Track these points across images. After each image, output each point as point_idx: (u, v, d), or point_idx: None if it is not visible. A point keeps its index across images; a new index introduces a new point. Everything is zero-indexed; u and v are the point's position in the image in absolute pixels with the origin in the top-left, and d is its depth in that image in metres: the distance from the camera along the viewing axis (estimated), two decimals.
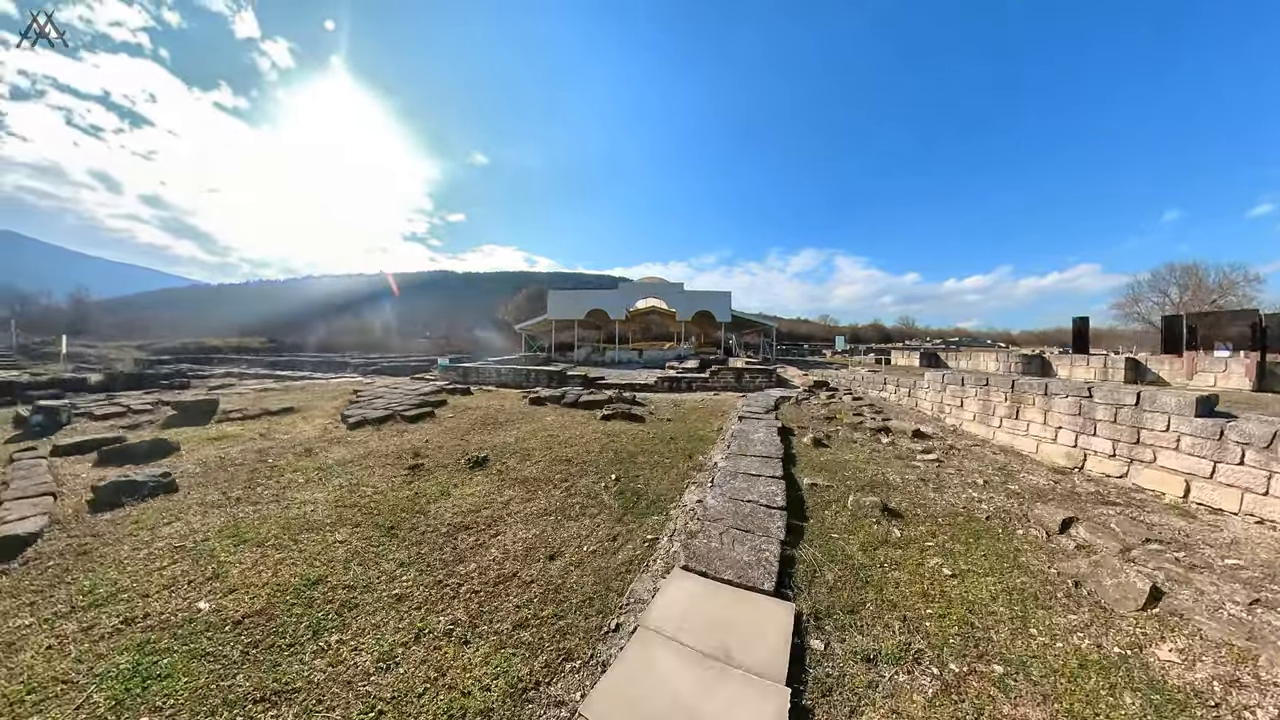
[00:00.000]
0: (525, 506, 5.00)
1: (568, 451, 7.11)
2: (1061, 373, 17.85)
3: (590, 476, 5.99)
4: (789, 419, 9.17)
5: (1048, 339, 72.31)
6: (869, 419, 8.91)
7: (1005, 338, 76.61)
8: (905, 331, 78.96)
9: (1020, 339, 76.52)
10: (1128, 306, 44.61)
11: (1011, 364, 18.74)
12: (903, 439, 7.90)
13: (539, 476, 5.96)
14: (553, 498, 5.26)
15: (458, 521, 4.54)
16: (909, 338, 71.45)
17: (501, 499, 5.18)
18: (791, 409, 10.17)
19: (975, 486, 5.88)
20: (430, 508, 4.84)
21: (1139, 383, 15.50)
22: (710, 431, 8.42)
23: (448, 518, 4.61)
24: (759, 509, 4.45)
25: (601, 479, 5.88)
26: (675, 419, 9.70)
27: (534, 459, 6.72)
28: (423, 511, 4.73)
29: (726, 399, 12.06)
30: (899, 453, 7.20)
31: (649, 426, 8.90)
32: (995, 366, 19.42)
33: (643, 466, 6.41)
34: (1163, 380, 15.48)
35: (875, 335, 73.25)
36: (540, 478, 5.92)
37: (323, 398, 12.10)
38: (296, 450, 6.78)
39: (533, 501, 5.14)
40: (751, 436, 7.23)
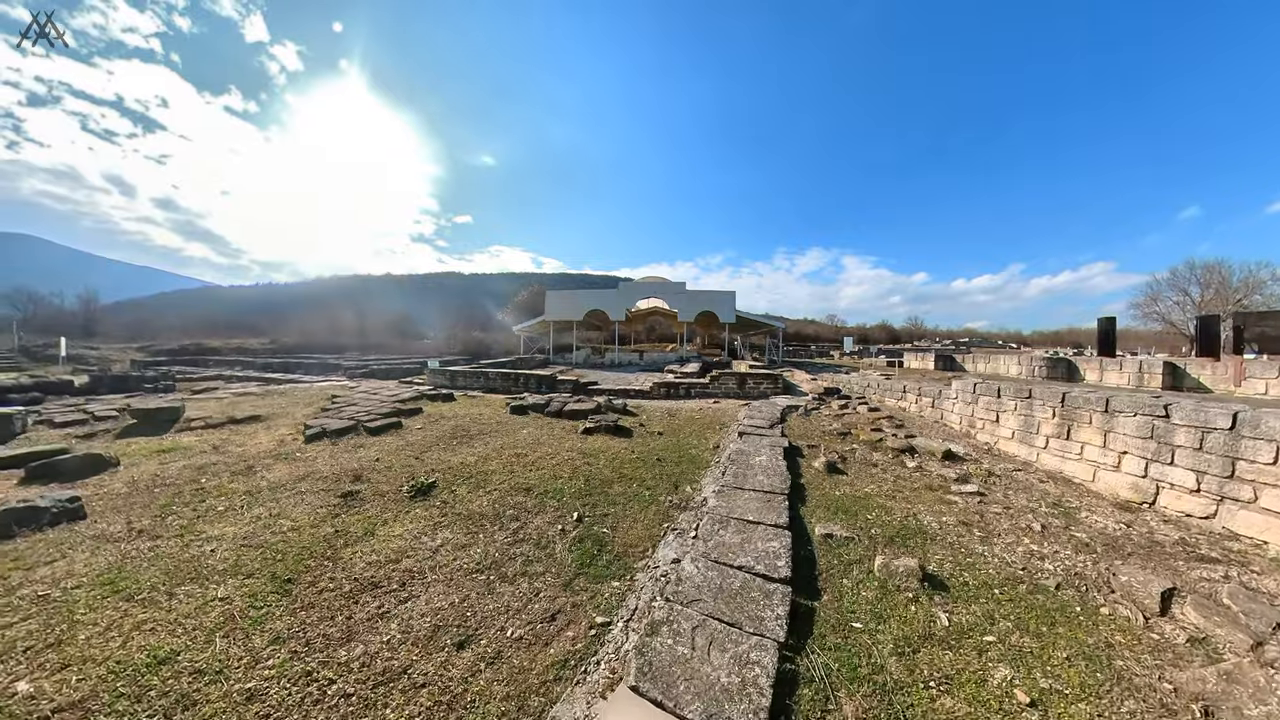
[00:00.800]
0: (456, 557, 3.97)
1: (531, 476, 5.99)
2: (1090, 377, 16.44)
3: (548, 513, 4.89)
4: (797, 434, 7.94)
5: (1060, 340, 70.22)
6: (889, 435, 7.66)
7: (1016, 338, 74.54)
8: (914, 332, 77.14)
9: (1032, 339, 74.40)
10: (1146, 306, 42.77)
11: (1035, 368, 17.34)
12: (931, 462, 6.65)
13: (487, 512, 4.89)
14: (494, 544, 4.20)
15: (368, 576, 3.64)
16: (918, 338, 69.71)
17: (432, 543, 4.19)
18: (800, 421, 8.94)
19: (1032, 534, 4.64)
20: (345, 553, 3.97)
21: (1179, 389, 14.08)
22: (705, 450, 7.22)
23: (359, 569, 3.73)
24: (753, 582, 3.24)
25: (561, 517, 4.77)
26: (667, 433, 8.51)
27: (489, 486, 5.65)
28: (335, 558, 3.88)
29: (727, 408, 10.85)
30: (929, 481, 5.95)
31: (635, 443, 7.72)
32: (1017, 370, 18.01)
33: (616, 500, 5.25)
34: (1204, 387, 14.04)
35: (883, 336, 71.53)
36: (488, 513, 4.85)
37: (298, 404, 11.31)
38: (237, 468, 6.06)
39: (468, 549, 4.11)
40: (753, 460, 6.02)
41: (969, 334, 74.66)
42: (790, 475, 5.54)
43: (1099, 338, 21.49)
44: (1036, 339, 74.64)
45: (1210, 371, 14.20)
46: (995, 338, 72.24)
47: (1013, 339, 72.50)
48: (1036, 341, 71.47)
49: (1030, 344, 66.28)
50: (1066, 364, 17.38)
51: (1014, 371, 18.06)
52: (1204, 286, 39.76)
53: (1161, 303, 42.30)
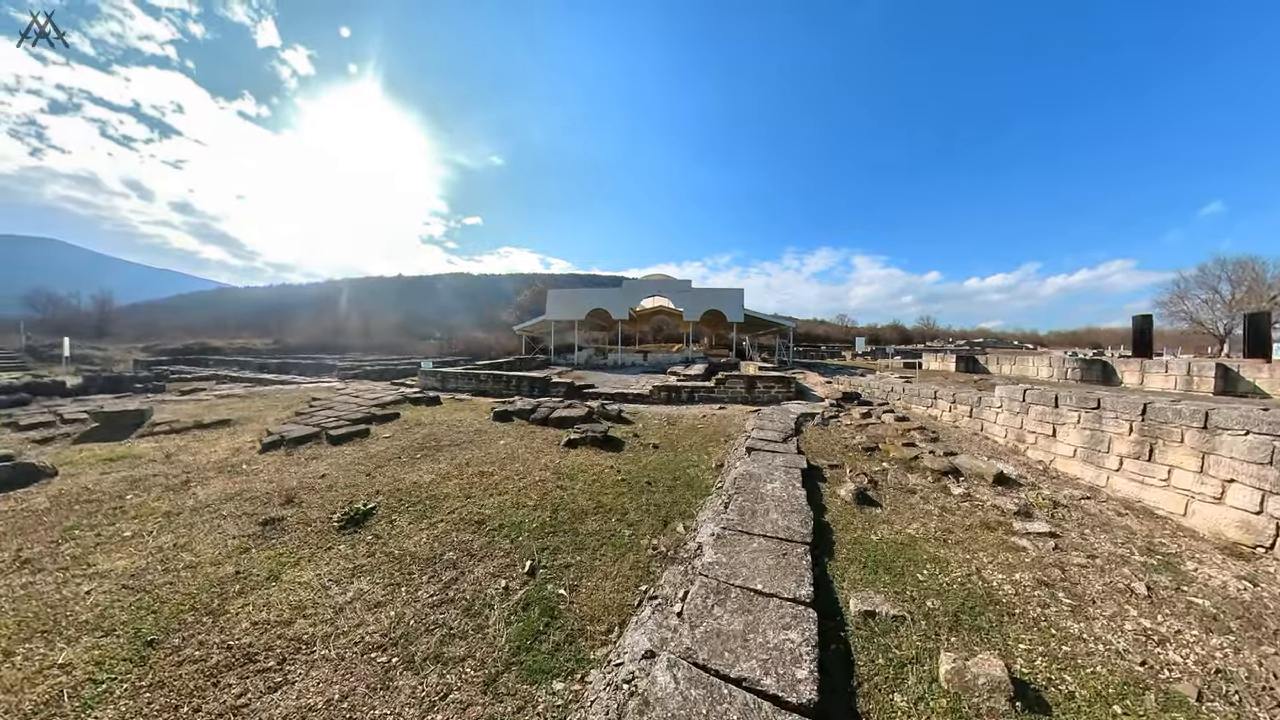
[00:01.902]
0: (362, 622, 3.03)
1: (490, 504, 4.94)
2: (1129, 380, 15.00)
3: (496, 559, 3.84)
4: (816, 450, 6.73)
5: (1079, 340, 67.97)
6: (925, 451, 6.43)
7: (1033, 338, 72.33)
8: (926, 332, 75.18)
9: (1049, 340, 72.15)
10: (1173, 305, 40.81)
11: (1067, 370, 15.92)
12: (982, 488, 5.42)
13: (422, 553, 3.89)
14: (416, 603, 3.22)
15: (246, 643, 2.84)
16: (930, 338, 67.83)
17: (341, 597, 3.30)
18: (817, 433, 7.72)
19: (1135, 599, 3.43)
20: (235, 605, 3.21)
21: (1232, 394, 12.63)
22: (705, 470, 6.05)
23: (241, 630, 2.96)
24: (758, 709, 2.07)
25: (510, 567, 3.72)
26: (664, 445, 7.36)
27: (436, 515, 4.64)
28: (219, 612, 3.15)
29: (734, 415, 9.67)
30: (985, 516, 4.73)
31: (624, 459, 6.58)
32: (1047, 372, 16.59)
33: (585, 542, 4.14)
34: (1262, 392, 12.60)
35: (895, 336, 69.67)
36: (422, 555, 3.86)
37: (275, 406, 10.68)
38: (173, 483, 5.47)
39: (382, 609, 3.15)
40: (763, 488, 4.83)
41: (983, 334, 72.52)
42: (811, 510, 4.33)
43: (1134, 337, 19.95)
44: (1054, 339, 72.34)
45: (1267, 375, 12.77)
46: (1010, 338, 70.08)
47: (1029, 339, 70.34)
48: (1054, 342, 69.23)
49: (1047, 344, 64.16)
50: (1101, 365, 15.94)
51: (1043, 374, 16.63)
52: (1235, 284, 37.74)
53: (1189, 301, 40.30)
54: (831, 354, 39.37)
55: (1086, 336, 69.51)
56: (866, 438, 7.15)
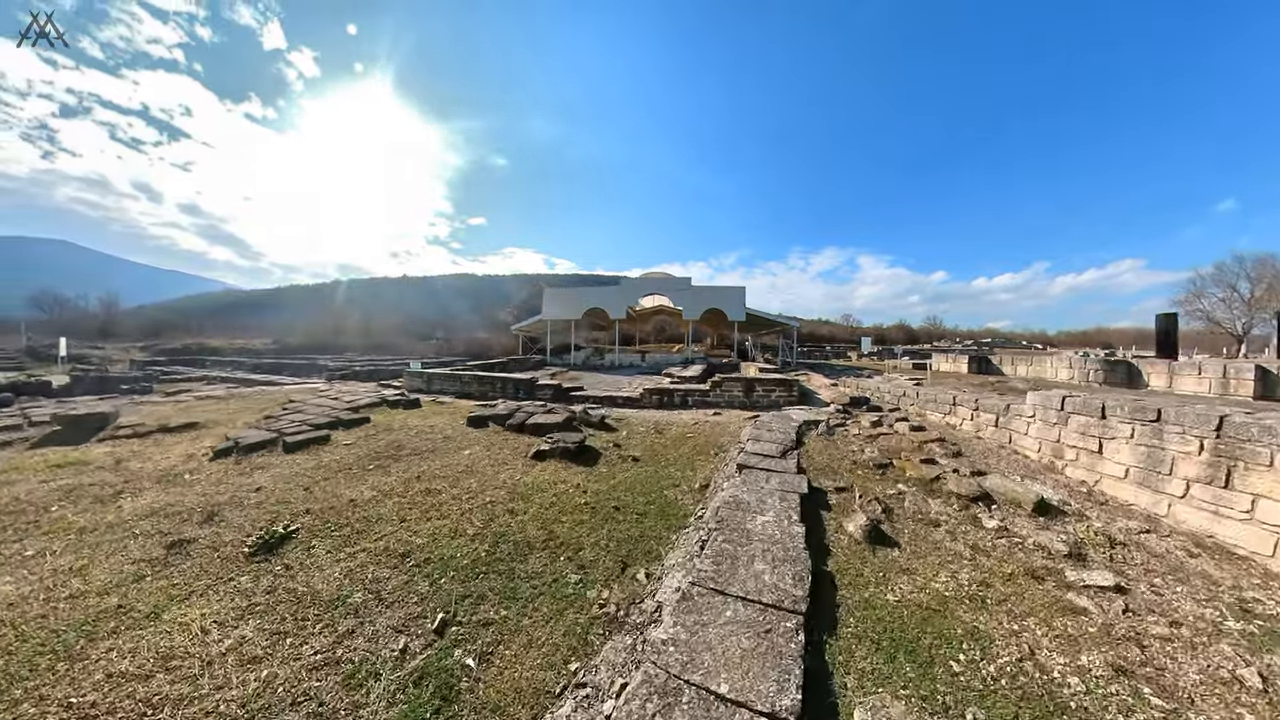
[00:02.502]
0: (226, 683, 2.44)
1: (425, 530, 4.19)
2: (1155, 383, 13.93)
3: (409, 606, 3.12)
4: (819, 466, 5.79)
5: (1089, 340, 66.29)
6: (947, 470, 5.46)
7: (1041, 338, 70.68)
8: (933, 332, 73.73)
9: (1058, 340, 70.47)
10: (1189, 303, 39.37)
11: (1089, 371, 14.85)
12: (1020, 519, 4.46)
13: (329, 591, 3.28)
14: (296, 662, 2.60)
15: (89, 703, 2.31)
16: (937, 338, 66.46)
17: (218, 646, 2.71)
18: (821, 444, 6.77)
19: (1248, 697, 2.48)
20: (98, 649, 2.68)
21: (1271, 399, 11.54)
22: (686, 492, 5.13)
23: (90, 686, 2.43)
24: None
25: (420, 618, 3.02)
26: (645, 458, 6.46)
27: (361, 542, 3.96)
28: (78, 658, 2.60)
29: (730, 422, 8.74)
30: (1030, 561, 3.77)
31: (595, 476, 5.69)
32: (1067, 374, 15.51)
33: (519, 590, 3.34)
34: None
35: (901, 336, 68.29)
36: (328, 595, 3.22)
37: (250, 409, 10.15)
38: (106, 493, 5.05)
39: (257, 666, 2.57)
40: (751, 523, 3.89)
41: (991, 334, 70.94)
42: (808, 556, 3.38)
43: (1158, 338, 18.78)
44: (1063, 339, 70.63)
45: None
46: (1019, 338, 68.49)
47: (1038, 339, 68.71)
48: (1063, 342, 67.59)
49: (1057, 344, 62.58)
50: (1126, 367, 14.86)
51: (1063, 375, 15.55)
52: (1254, 281, 36.31)
53: (1206, 299, 38.90)
54: (836, 354, 38.28)
55: (1097, 336, 67.83)
56: (878, 451, 6.18)
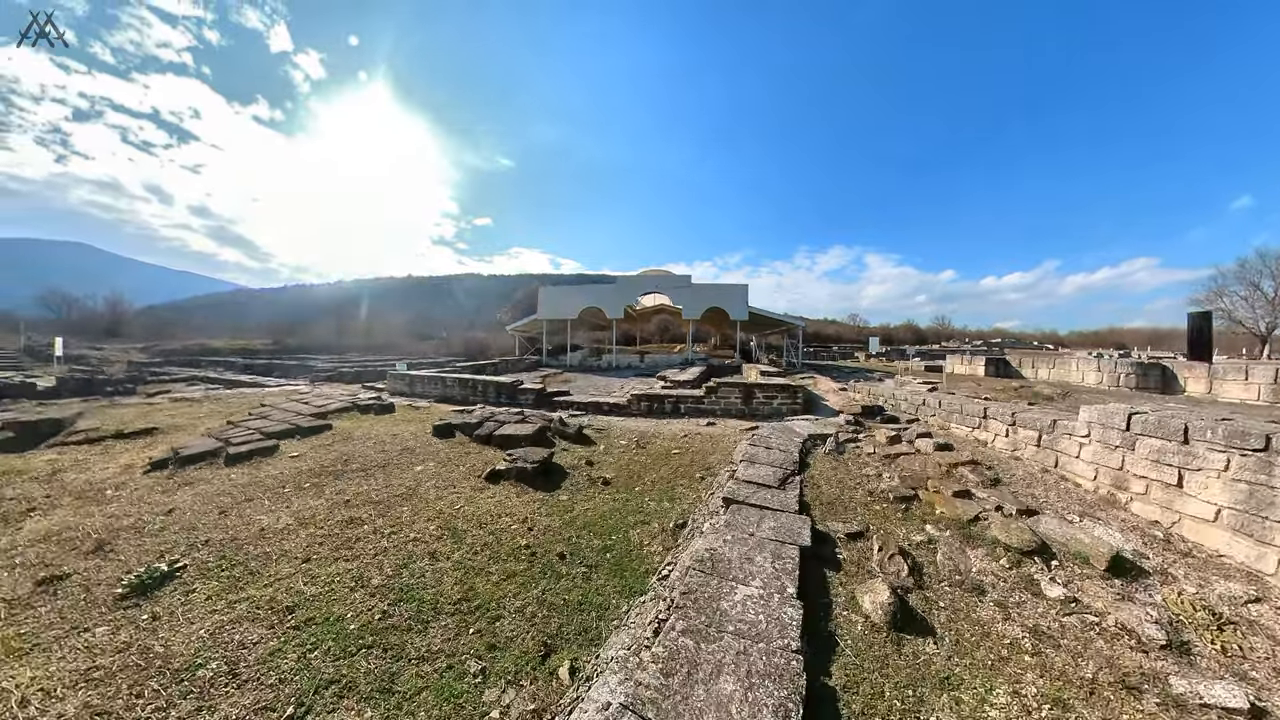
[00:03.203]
0: None
1: (324, 576, 3.44)
2: (1193, 389, 12.62)
3: (262, 690, 2.44)
4: (826, 499, 4.66)
5: (1101, 340, 64.29)
6: (987, 505, 4.32)
7: (1053, 339, 68.72)
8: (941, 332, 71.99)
9: (1070, 340, 68.48)
10: (1209, 302, 37.65)
11: (1119, 375, 13.54)
12: (1090, 584, 3.31)
13: (182, 657, 2.62)
14: None
15: None
16: (945, 339, 64.79)
17: None
18: (829, 467, 5.64)
19: None
20: None
21: None
22: (655, 534, 4.03)
23: None
24: None
25: (270, 712, 2.13)
26: (617, 481, 5.39)
27: (247, 589, 3.29)
28: None
29: (724, 434, 7.63)
30: (1116, 657, 2.63)
31: (551, 505, 4.66)
32: (1095, 378, 14.19)
33: (400, 678, 2.57)
34: None
35: (909, 336, 66.66)
36: (179, 663, 2.58)
37: (217, 414, 9.60)
38: (16, 511, 4.61)
39: None
40: (727, 601, 2.77)
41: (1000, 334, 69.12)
42: (803, 666, 2.28)
43: (1190, 337, 17.38)
44: (1075, 339, 68.62)
45: None
46: (1030, 338, 66.61)
47: (1049, 339, 66.80)
48: (1074, 342, 65.61)
49: (1068, 345, 60.69)
50: (1161, 370, 13.55)
51: (1090, 380, 14.23)
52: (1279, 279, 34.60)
53: (1227, 298, 37.19)
54: (843, 355, 36.94)
55: (1110, 337, 65.79)
56: (899, 478, 5.03)
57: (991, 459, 5.79)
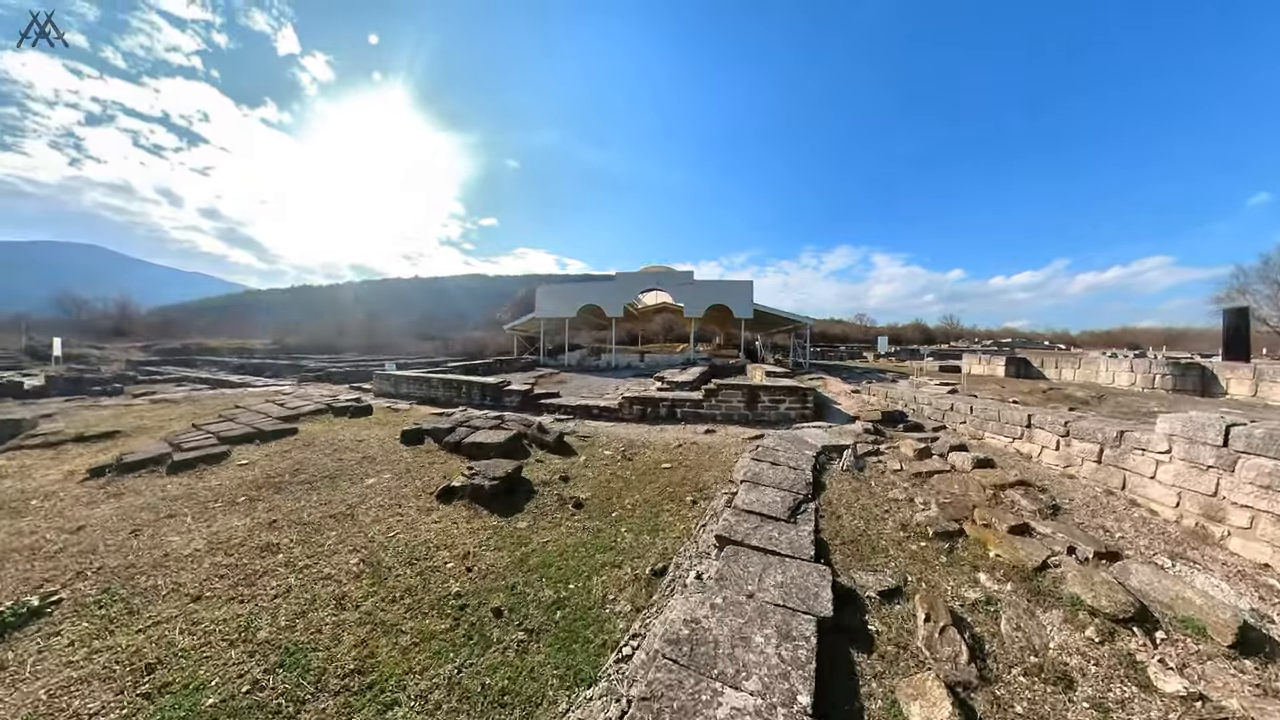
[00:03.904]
0: None
1: (210, 623, 2.84)
2: (1237, 390, 11.54)
3: None
4: (848, 535, 3.72)
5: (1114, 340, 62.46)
6: (1052, 541, 3.39)
7: (1064, 338, 66.88)
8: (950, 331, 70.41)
9: (1082, 340, 66.60)
10: (1232, 300, 36.22)
11: (1154, 376, 12.46)
12: (1214, 668, 2.38)
13: None
14: None
15: None
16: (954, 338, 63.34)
17: None
18: (849, 489, 4.70)
19: None
20: None
21: None
22: (624, 584, 3.12)
23: None
24: None
25: None
26: (591, 504, 4.51)
27: (121, 634, 2.68)
28: None
29: (724, 444, 6.73)
30: None
31: (503, 536, 3.82)
32: (1128, 378, 13.11)
33: None
34: None
35: (917, 336, 65.16)
36: None
37: (189, 415, 9.12)
38: None
39: None
40: (710, 715, 1.89)
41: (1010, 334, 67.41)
42: None
43: (1225, 336, 16.22)
44: (1087, 339, 66.74)
45: None
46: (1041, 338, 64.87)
47: (1060, 339, 65.02)
48: (1087, 342, 63.81)
49: (1081, 344, 58.99)
50: (1200, 371, 12.46)
51: (1122, 381, 13.15)
52: None
53: (1250, 295, 35.74)
54: (852, 354, 35.82)
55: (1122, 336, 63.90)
56: (936, 505, 4.09)
57: (1042, 478, 4.82)
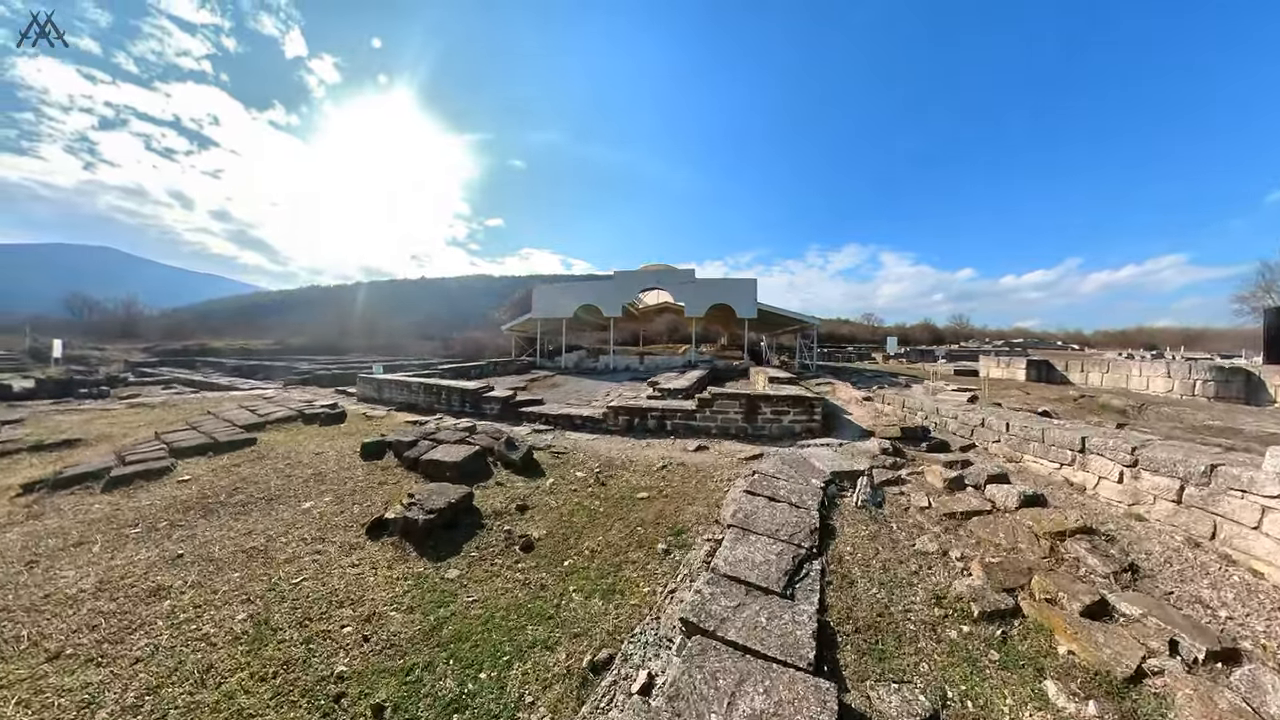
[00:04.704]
0: None
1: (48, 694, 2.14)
2: None
3: None
4: (863, 616, 2.69)
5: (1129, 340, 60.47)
6: (1142, 628, 2.39)
7: (1077, 338, 64.94)
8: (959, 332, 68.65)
9: (1096, 340, 64.60)
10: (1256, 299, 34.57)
11: (1194, 382, 11.28)
12: None
13: None
14: None
15: None
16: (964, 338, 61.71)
17: None
18: (864, 533, 3.69)
19: None
20: None
21: None
22: (550, 677, 2.14)
23: None
24: None
25: None
26: (541, 548, 3.52)
27: None
28: None
29: (714, 466, 5.75)
30: None
31: (425, 592, 2.88)
32: (1163, 384, 11.91)
33: None
34: None
35: (926, 336, 63.53)
36: None
37: (161, 421, 8.66)
38: None
39: None
40: None
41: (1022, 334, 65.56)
42: None
43: (1267, 336, 14.95)
44: (1101, 339, 64.72)
45: None
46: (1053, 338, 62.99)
47: (1073, 339, 63.10)
48: (1101, 342, 61.85)
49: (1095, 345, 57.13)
50: (1245, 377, 11.25)
51: (1158, 387, 11.95)
52: None
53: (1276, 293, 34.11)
54: (860, 356, 34.57)
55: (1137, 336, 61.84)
56: (980, 567, 3.05)
57: (1103, 519, 3.77)
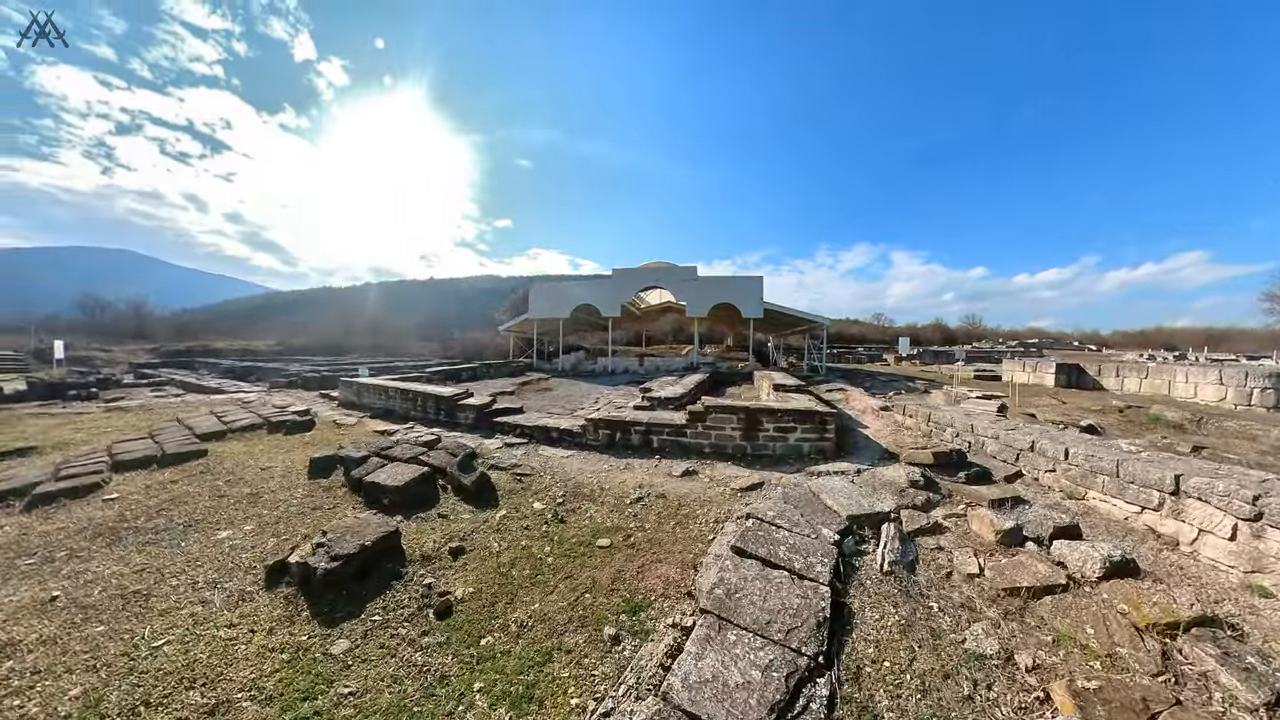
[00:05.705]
0: None
1: None
2: None
3: None
4: None
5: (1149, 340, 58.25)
6: None
7: (1094, 339, 62.75)
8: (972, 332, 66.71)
9: (1114, 340, 62.34)
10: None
11: (1251, 390, 10.00)
12: None
13: None
14: None
15: None
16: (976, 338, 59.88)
17: None
18: (891, 623, 2.63)
19: None
20: None
21: None
22: None
23: None
24: None
25: None
26: (460, 614, 2.53)
27: None
28: None
29: (704, 498, 4.73)
30: None
31: (297, 670, 2.39)
32: (1215, 392, 10.63)
33: None
34: None
35: (938, 336, 61.75)
36: None
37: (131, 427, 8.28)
38: None
39: None
40: None
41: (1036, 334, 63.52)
42: None
43: None
44: (1119, 340, 62.45)
45: None
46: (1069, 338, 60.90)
47: (1089, 339, 60.96)
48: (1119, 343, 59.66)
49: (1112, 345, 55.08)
50: None
51: (1208, 395, 10.68)
52: None
53: None
54: (871, 357, 33.20)
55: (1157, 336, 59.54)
56: (1065, 688, 2.05)
57: (1216, 595, 2.70)
